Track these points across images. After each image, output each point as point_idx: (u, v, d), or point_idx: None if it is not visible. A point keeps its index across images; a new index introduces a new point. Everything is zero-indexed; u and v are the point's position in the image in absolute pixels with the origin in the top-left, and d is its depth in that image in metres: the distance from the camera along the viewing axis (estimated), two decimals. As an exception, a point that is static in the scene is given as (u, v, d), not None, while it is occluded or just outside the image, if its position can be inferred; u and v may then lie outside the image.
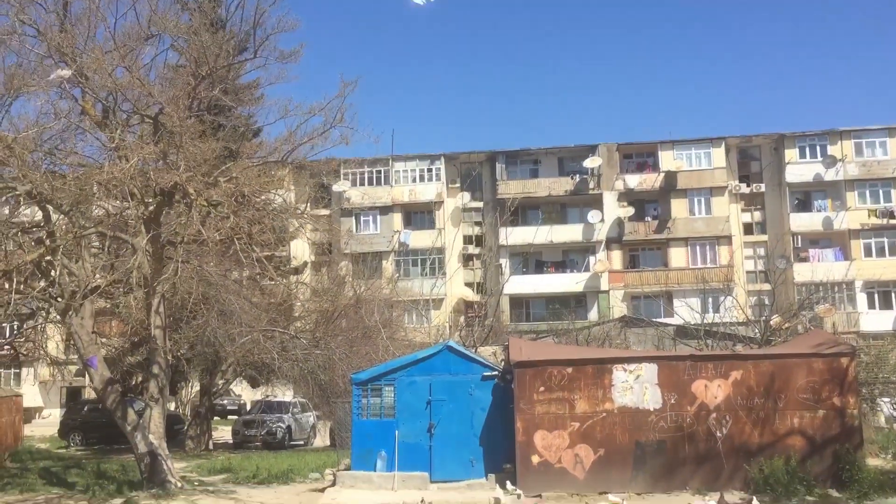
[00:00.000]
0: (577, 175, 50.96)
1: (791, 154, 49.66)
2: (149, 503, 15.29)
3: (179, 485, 16.76)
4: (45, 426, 39.08)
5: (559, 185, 51.24)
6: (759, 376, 14.85)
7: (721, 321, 26.83)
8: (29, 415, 37.81)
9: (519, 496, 14.39)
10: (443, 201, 52.00)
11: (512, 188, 50.89)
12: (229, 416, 42.86)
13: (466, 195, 52.22)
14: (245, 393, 45.13)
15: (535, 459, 14.96)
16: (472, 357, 17.13)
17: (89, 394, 39.33)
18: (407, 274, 49.63)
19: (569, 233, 50.93)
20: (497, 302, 43.28)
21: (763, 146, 51.22)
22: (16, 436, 27.01)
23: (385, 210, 51.83)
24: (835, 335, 20.66)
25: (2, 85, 17.27)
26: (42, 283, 16.92)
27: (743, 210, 50.85)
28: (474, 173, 52.86)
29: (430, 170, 52.42)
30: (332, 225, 47.05)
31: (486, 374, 16.27)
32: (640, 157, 52.30)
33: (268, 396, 35.55)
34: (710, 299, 34.46)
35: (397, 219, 52.05)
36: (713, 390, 14.87)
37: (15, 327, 26.59)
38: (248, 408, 38.52)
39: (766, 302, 31.22)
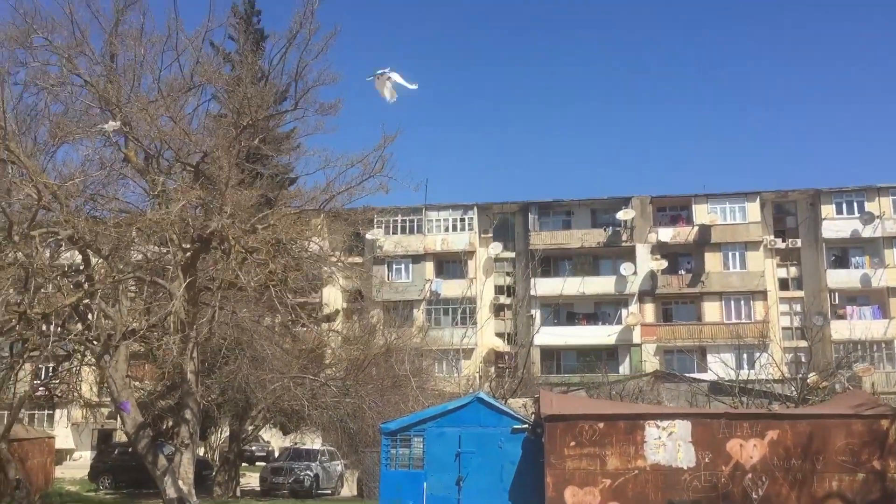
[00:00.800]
0: (610, 227, 50.89)
1: (828, 210, 49.18)
2: (176, 550, 15.22)
3: (206, 532, 16.71)
4: (76, 468, 39.22)
5: (591, 237, 51.15)
6: (797, 437, 14.52)
7: (756, 378, 26.32)
8: (60, 456, 38.04)
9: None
10: (475, 251, 52.10)
11: (544, 239, 50.91)
12: (258, 463, 42.71)
13: (498, 245, 52.26)
14: (274, 439, 45.04)
15: (566, 516, 14.69)
16: (503, 409, 16.97)
17: (120, 437, 39.48)
18: (438, 323, 49.53)
19: (601, 285, 50.66)
20: (528, 353, 42.91)
21: (799, 201, 50.81)
22: (47, 478, 27.15)
23: (417, 259, 52.02)
24: (874, 396, 20.15)
25: (48, 132, 17.83)
26: (79, 326, 17.18)
27: (779, 265, 50.27)
28: (507, 224, 53.01)
29: (462, 219, 52.66)
30: (365, 273, 47.29)
31: (516, 427, 16.10)
32: (673, 210, 52.13)
33: (296, 444, 35.45)
34: (745, 355, 33.89)
35: (429, 267, 52.18)
36: (749, 450, 14.55)
37: (50, 369, 26.94)
38: (277, 455, 38.39)
39: (803, 359, 30.66)
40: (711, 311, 49.05)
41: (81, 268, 17.70)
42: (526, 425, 16.12)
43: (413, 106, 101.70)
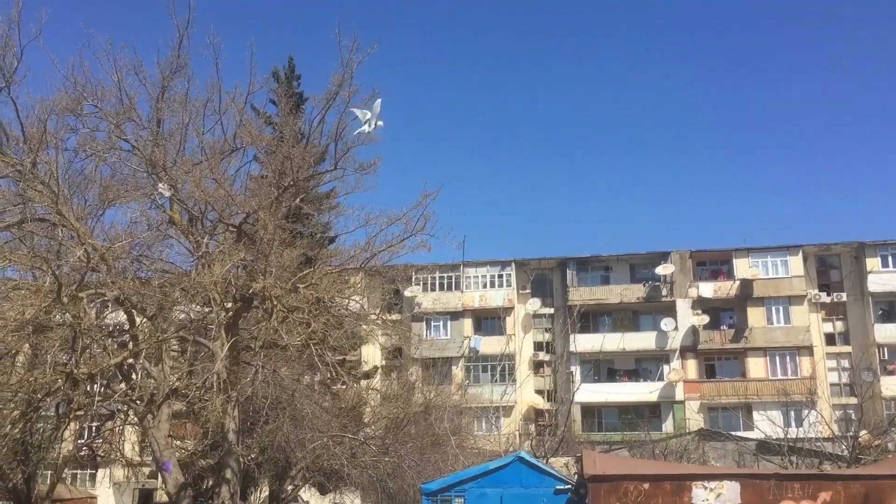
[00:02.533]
0: (649, 282, 50.49)
1: (873, 263, 48.31)
2: None
3: None
4: (116, 528, 39.23)
5: (631, 292, 50.74)
6: (850, 498, 14.09)
7: (805, 436, 25.68)
8: (101, 516, 38.08)
9: None
10: (513, 307, 51.92)
11: (582, 295, 50.62)
12: (296, 523, 42.33)
13: (537, 301, 52.04)
14: (313, 499, 44.69)
15: (612, 581, 14.33)
16: (545, 469, 16.74)
17: (161, 496, 39.47)
18: (476, 380, 49.22)
19: (641, 340, 50.05)
20: (568, 411, 42.45)
21: (843, 254, 50.04)
22: (88, 537, 27.22)
23: (455, 315, 51.95)
24: (930, 455, 19.54)
25: (96, 196, 18.32)
26: (123, 386, 17.39)
27: (824, 320, 49.29)
28: (545, 279, 52.86)
29: (500, 276, 52.64)
30: (404, 330, 47.32)
31: (559, 487, 15.86)
32: (713, 264, 51.59)
33: (336, 503, 35.11)
34: (793, 412, 33.14)
35: (467, 324, 52.06)
36: (801, 512, 14.14)
37: (94, 428, 27.20)
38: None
39: (853, 417, 29.88)
40: (756, 366, 48.09)
41: (126, 328, 17.99)
42: (569, 486, 15.88)
43: (450, 161, 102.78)
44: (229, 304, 16.51)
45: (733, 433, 31.97)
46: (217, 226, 18.57)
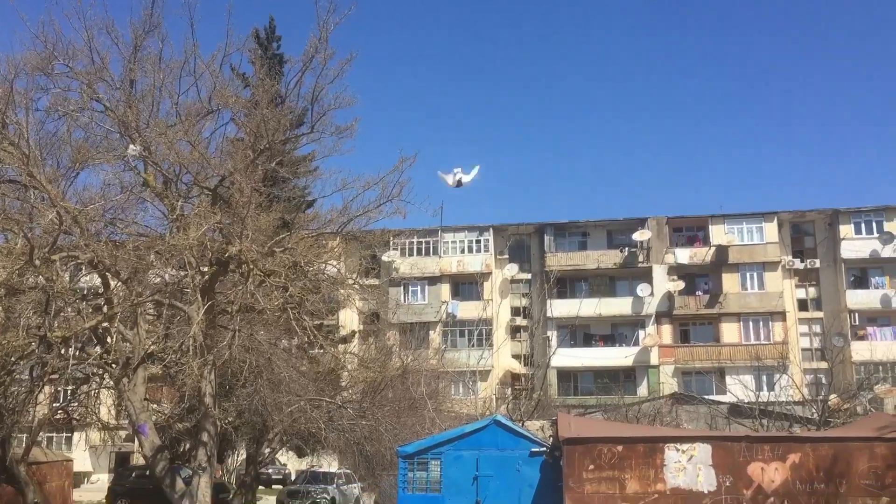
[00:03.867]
0: (626, 248, 50.78)
1: (846, 230, 48.87)
2: (193, 574, 15.18)
3: (224, 555, 16.66)
4: (94, 491, 39.20)
5: (608, 258, 51.03)
6: (819, 460, 14.36)
7: (776, 400, 26.11)
8: (78, 479, 38.05)
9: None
10: (490, 272, 52.06)
11: (560, 260, 50.84)
12: (274, 486, 42.60)
13: (514, 267, 52.21)
14: (291, 462, 44.94)
15: (585, 540, 14.56)
16: (520, 432, 16.89)
17: (138, 459, 39.51)
18: (454, 345, 49.45)
19: (617, 306, 50.47)
20: (544, 375, 42.82)
21: (817, 221, 50.54)
22: (65, 501, 27.19)
23: (433, 280, 52.03)
24: (897, 418, 19.90)
25: (69, 157, 18.04)
26: (98, 350, 17.28)
27: (797, 286, 49.91)
28: (522, 245, 52.99)
29: (478, 241, 52.70)
30: (381, 295, 47.35)
31: (534, 450, 16.01)
32: (690, 230, 51.94)
33: (313, 467, 35.34)
34: (765, 377, 33.65)
35: (445, 289, 52.18)
36: (770, 473, 14.40)
37: (69, 392, 27.08)
38: (294, 477, 38.29)
39: (823, 381, 30.40)
40: (729, 332, 48.72)
41: (101, 291, 17.83)
42: (544, 448, 16.03)
43: (428, 126, 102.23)
44: (205, 268, 16.38)
45: (706, 397, 32.41)
46: (192, 188, 18.38)
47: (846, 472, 14.19)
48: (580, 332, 50.91)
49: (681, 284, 49.46)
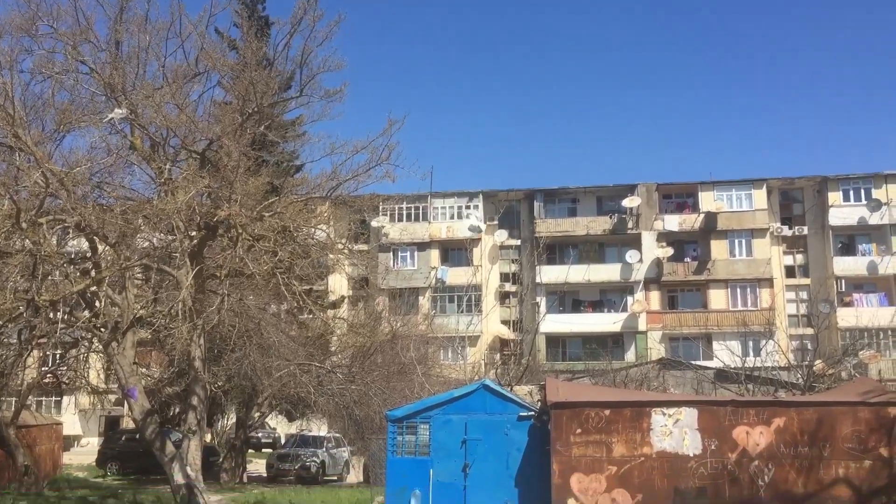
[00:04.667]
0: (616, 214, 50.83)
1: (835, 197, 49.03)
2: (184, 535, 15.31)
3: (214, 517, 16.79)
4: (84, 454, 39.44)
5: (597, 225, 51.10)
6: (803, 424, 14.53)
7: (762, 365, 26.34)
8: (68, 443, 38.25)
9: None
10: (480, 238, 52.09)
11: (550, 227, 50.88)
12: (264, 450, 42.92)
13: (504, 233, 52.24)
14: (280, 426, 45.22)
15: (572, 503, 14.74)
16: (509, 397, 16.99)
17: (128, 423, 39.70)
18: (443, 310, 49.61)
19: (606, 272, 50.65)
20: (533, 340, 43.06)
21: (806, 188, 50.67)
22: (55, 464, 27.32)
23: (423, 246, 52.03)
24: (881, 383, 20.14)
25: (54, 120, 17.83)
26: (86, 314, 17.23)
27: (785, 252, 50.16)
28: (512, 211, 52.97)
29: (468, 207, 52.64)
30: (370, 260, 47.34)
31: (522, 414, 16.13)
32: (679, 197, 52.01)
33: (303, 431, 35.58)
34: (751, 343, 33.90)
35: (435, 255, 52.20)
36: (755, 437, 14.56)
37: (58, 356, 27.09)
38: (283, 441, 38.56)
39: (809, 347, 30.67)
40: (717, 298, 49.03)
41: (88, 255, 17.74)
42: (532, 412, 16.15)
43: (418, 93, 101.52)
44: (193, 232, 16.30)
45: (693, 362, 32.66)
46: (180, 152, 18.22)
47: (830, 435, 14.37)
48: (569, 298, 51.16)
49: (669, 251, 49.65)
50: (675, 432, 14.76)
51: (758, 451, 14.48)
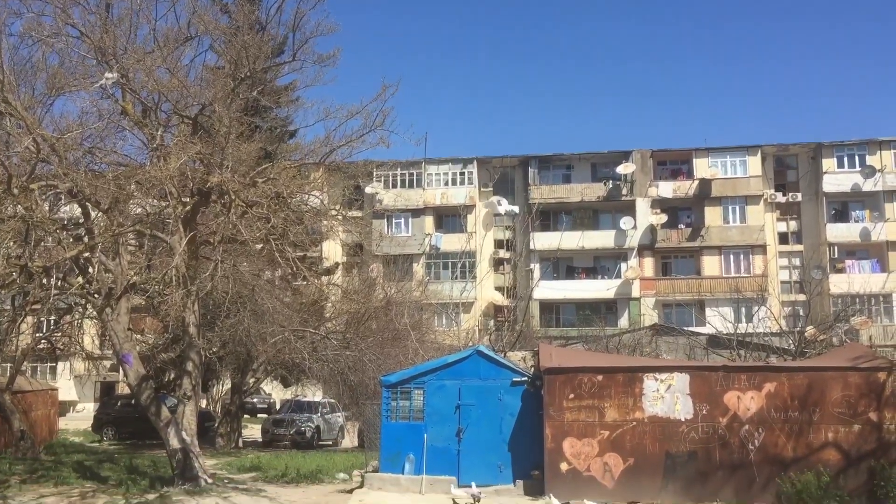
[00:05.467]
0: (610, 181, 50.77)
1: (829, 163, 49.02)
2: (181, 499, 15.45)
3: (210, 482, 16.93)
4: (79, 420, 39.67)
5: (592, 191, 51.06)
6: (794, 389, 14.68)
7: (754, 332, 26.50)
8: (63, 408, 38.41)
9: None
10: (474, 205, 52.04)
11: (543, 193, 50.83)
12: (259, 415, 43.22)
13: (498, 199, 52.14)
14: (275, 392, 45.49)
15: (564, 467, 14.90)
16: (502, 362, 17.10)
17: (123, 389, 39.89)
18: (437, 277, 49.67)
19: (600, 239, 50.73)
20: (527, 307, 43.17)
21: (800, 155, 50.63)
22: (51, 429, 27.47)
23: (417, 213, 51.98)
24: (871, 348, 20.32)
25: (45, 84, 17.63)
26: (80, 280, 17.20)
27: (778, 219, 50.27)
28: (506, 177, 52.84)
29: (462, 173, 52.49)
30: (364, 226, 47.26)
31: (515, 379, 16.25)
32: (674, 164, 51.94)
33: (297, 396, 35.78)
34: (744, 309, 34.06)
35: (429, 222, 52.16)
36: (746, 402, 14.72)
37: (52, 322, 27.11)
38: (278, 407, 38.80)
39: (801, 313, 30.83)
40: (710, 265, 49.20)
41: (81, 221, 17.66)
42: (525, 378, 16.27)
43: (413, 59, 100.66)
44: (186, 199, 16.22)
45: (686, 328, 32.84)
46: (172, 117, 18.06)
47: (820, 400, 14.53)
48: (563, 265, 51.28)
49: (663, 218, 49.71)
50: (667, 397, 14.90)
51: (748, 415, 14.65)
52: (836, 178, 48.68)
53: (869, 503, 13.79)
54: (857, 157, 48.92)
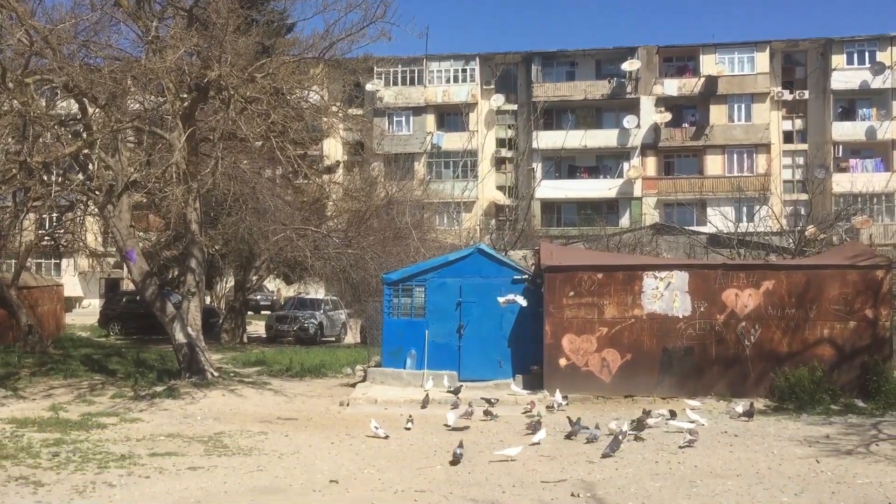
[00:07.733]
0: (615, 78, 49.92)
1: (838, 60, 48.08)
2: (189, 391, 15.84)
3: (216, 375, 17.31)
4: (86, 315, 40.27)
5: (596, 89, 50.26)
6: (792, 286, 14.82)
7: (755, 231, 26.57)
8: (69, 304, 38.93)
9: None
10: (476, 103, 51.33)
11: (547, 91, 50.04)
12: (263, 312, 43.82)
13: (500, 97, 51.41)
14: (281, 288, 45.95)
15: (563, 362, 15.21)
16: (503, 260, 17.24)
17: (128, 285, 40.33)
18: (439, 176, 49.46)
19: (603, 138, 50.26)
20: (528, 206, 43.13)
21: (809, 51, 49.59)
22: (58, 323, 27.92)
23: (418, 111, 51.34)
24: (871, 247, 20.40)
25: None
26: (80, 176, 17.12)
27: (784, 117, 49.67)
28: (509, 75, 51.94)
29: (464, 70, 51.57)
30: (365, 124, 46.74)
31: (516, 277, 16.42)
32: (680, 60, 50.93)
33: (300, 293, 36.18)
34: (745, 208, 34.05)
35: (430, 120, 51.58)
36: (744, 299, 14.89)
37: (55, 219, 27.16)
38: (282, 304, 39.31)
39: (803, 212, 30.81)
40: (713, 164, 48.93)
41: (79, 117, 17.45)
42: (526, 276, 16.43)
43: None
44: (184, 94, 15.97)
45: (687, 228, 32.90)
46: (166, 9, 17.62)
47: (817, 297, 14.69)
48: (565, 164, 50.99)
49: (668, 116, 49.11)
50: (666, 295, 15.07)
51: (745, 312, 14.85)
52: (845, 75, 47.84)
53: (860, 396, 14.12)
54: (867, 54, 47.96)
